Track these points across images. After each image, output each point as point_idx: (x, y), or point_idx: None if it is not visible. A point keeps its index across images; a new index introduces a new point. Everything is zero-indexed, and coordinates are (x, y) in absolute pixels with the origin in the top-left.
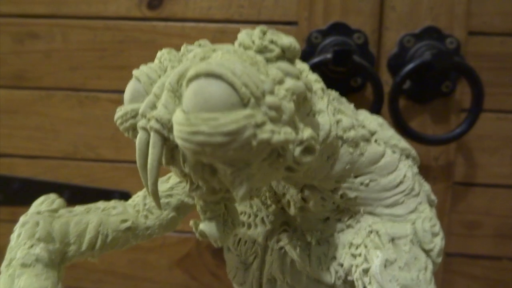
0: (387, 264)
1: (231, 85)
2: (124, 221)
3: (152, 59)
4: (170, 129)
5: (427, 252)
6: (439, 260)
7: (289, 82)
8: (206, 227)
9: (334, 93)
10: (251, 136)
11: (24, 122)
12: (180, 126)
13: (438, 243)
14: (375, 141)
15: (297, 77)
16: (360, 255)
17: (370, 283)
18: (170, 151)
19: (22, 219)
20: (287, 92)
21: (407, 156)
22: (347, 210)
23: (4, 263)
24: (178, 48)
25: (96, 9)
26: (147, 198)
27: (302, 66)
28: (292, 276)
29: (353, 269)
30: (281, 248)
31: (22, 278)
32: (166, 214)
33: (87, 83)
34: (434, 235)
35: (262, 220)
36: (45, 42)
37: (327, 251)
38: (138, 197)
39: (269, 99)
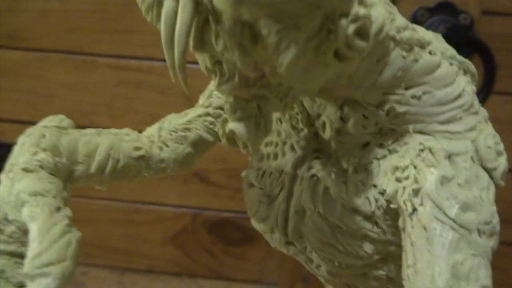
0: (443, 181)
1: None
2: (138, 148)
3: None
4: None
5: (489, 172)
6: (502, 183)
7: None
8: (237, 126)
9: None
10: None
11: (16, 85)
12: None
13: (502, 162)
14: (429, 52)
15: None
16: (407, 177)
17: (422, 204)
18: (200, 29)
19: (27, 131)
20: None
21: (465, 71)
22: (392, 133)
23: (5, 169)
24: None
25: None
26: (162, 130)
27: None
28: (324, 205)
29: (399, 192)
30: (313, 176)
31: (23, 180)
32: (182, 148)
33: (85, 47)
34: (499, 153)
35: (292, 147)
36: (42, 0)
37: (366, 179)
38: (152, 129)
39: None
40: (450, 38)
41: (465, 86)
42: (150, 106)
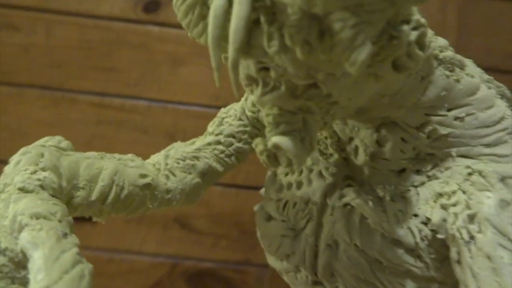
0: (502, 204)
1: None
2: (144, 176)
3: (144, 64)
4: None
5: None
6: None
7: None
8: (282, 139)
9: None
10: None
11: None
12: None
13: None
14: (467, 74)
15: None
16: (456, 204)
17: (480, 231)
18: (248, 31)
19: (22, 149)
20: None
21: (502, 96)
22: (430, 158)
23: None
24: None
25: (87, 7)
26: (169, 158)
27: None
28: (362, 237)
29: (449, 220)
30: (346, 204)
31: (21, 201)
32: (190, 178)
33: (67, 83)
34: None
35: (320, 174)
36: (25, 35)
37: (405, 208)
38: (158, 156)
39: None
40: None
41: (505, 109)
42: (132, 145)
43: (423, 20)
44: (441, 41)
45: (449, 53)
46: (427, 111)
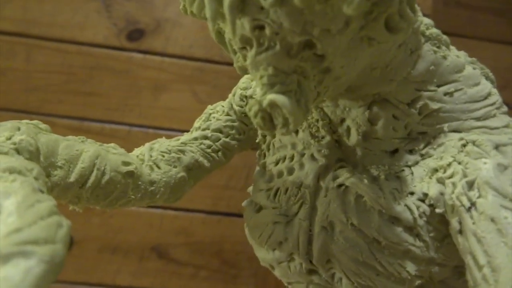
0: (500, 168)
1: None
2: (127, 163)
3: (125, 89)
4: None
5: None
6: None
7: None
8: (277, 97)
9: None
10: None
11: None
12: None
13: None
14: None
15: None
16: (453, 175)
17: (481, 195)
18: None
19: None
20: None
21: (486, 78)
22: (422, 136)
23: None
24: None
25: (70, 34)
26: (153, 150)
27: None
28: (359, 215)
29: (448, 190)
30: (340, 185)
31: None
32: (175, 171)
33: (44, 107)
34: None
35: (312, 157)
36: (3, 59)
37: (400, 186)
38: (142, 148)
39: None
40: None
41: (491, 88)
42: None
43: None
44: (427, 20)
45: (435, 30)
46: (417, 86)
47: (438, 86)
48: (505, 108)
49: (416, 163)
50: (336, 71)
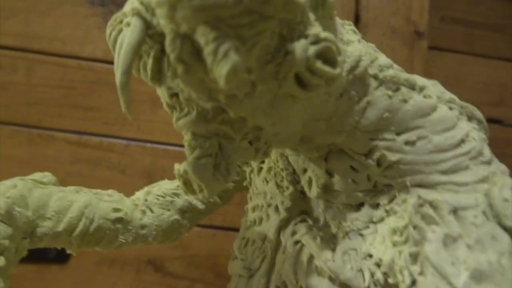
0: (447, 241)
1: None
2: (117, 210)
3: None
4: (154, 13)
5: (509, 231)
6: None
7: None
8: (191, 167)
9: (372, 45)
10: None
11: None
12: None
13: None
14: (424, 96)
15: None
16: (406, 240)
17: (421, 272)
18: (157, 60)
19: (4, 181)
20: None
21: (470, 117)
22: (388, 190)
23: None
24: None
25: (70, 49)
26: (150, 194)
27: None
28: (308, 278)
29: (396, 259)
30: (297, 242)
31: None
32: (168, 215)
33: (44, 121)
34: None
35: (276, 209)
36: (4, 73)
37: (360, 246)
38: (140, 192)
39: None
40: None
41: (469, 130)
42: (108, 184)
43: (326, 35)
44: (383, 60)
45: (391, 72)
46: (371, 135)
47: (398, 134)
48: (485, 157)
49: (382, 219)
50: (269, 128)
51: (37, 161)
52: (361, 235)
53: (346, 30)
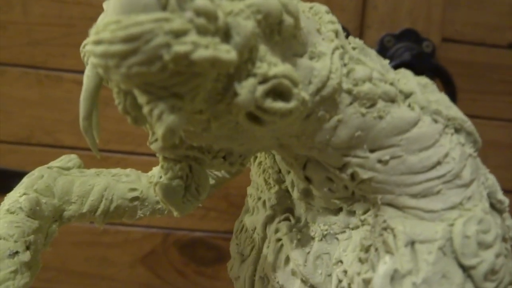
0: (395, 276)
1: None
2: (133, 190)
3: None
4: None
5: (466, 270)
6: (489, 286)
7: None
8: (162, 188)
9: (358, 42)
10: (162, 46)
11: None
12: (90, 37)
13: (487, 259)
14: (408, 105)
15: None
16: (367, 260)
17: None
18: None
19: (32, 171)
20: (247, 7)
21: (458, 130)
22: (364, 200)
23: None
24: None
25: None
26: None
27: (319, 8)
28: (284, 278)
29: (355, 279)
30: (279, 240)
31: (0, 221)
32: None
33: (49, 61)
34: (483, 246)
35: (264, 204)
36: (0, 12)
37: (333, 251)
38: (156, 168)
39: (199, 2)
40: (415, 64)
41: (450, 149)
42: (120, 123)
43: (275, 72)
44: (360, 73)
45: (366, 87)
46: (343, 151)
47: (372, 151)
48: (462, 180)
49: (357, 227)
50: (237, 148)
51: (48, 102)
52: (337, 239)
53: (325, 32)
